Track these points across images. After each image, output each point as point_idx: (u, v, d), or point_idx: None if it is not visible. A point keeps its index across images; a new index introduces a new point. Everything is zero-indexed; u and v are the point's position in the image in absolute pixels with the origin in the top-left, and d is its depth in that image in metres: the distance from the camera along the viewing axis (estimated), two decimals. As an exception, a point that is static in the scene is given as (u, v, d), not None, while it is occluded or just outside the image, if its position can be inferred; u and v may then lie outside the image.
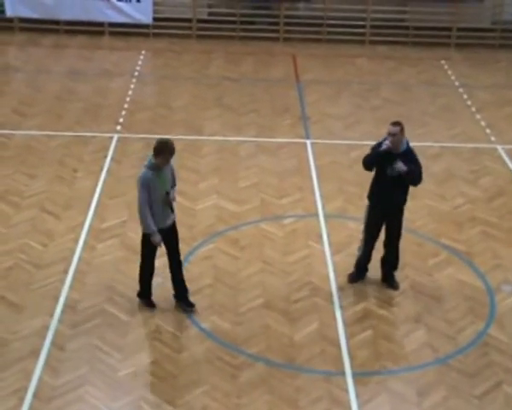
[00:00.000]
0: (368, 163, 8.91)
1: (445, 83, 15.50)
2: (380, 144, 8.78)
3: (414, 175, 8.70)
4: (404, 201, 9.01)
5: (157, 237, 8.36)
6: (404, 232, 10.37)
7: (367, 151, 12.46)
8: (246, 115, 13.74)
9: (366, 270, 9.34)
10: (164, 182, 8.30)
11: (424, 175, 11.73)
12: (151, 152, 8.27)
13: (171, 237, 8.56)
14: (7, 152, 12.07)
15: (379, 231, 9.10)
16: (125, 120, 13.30)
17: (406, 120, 13.73)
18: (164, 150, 8.19)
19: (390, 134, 8.64)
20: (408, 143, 8.81)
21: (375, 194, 8.97)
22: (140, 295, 8.84)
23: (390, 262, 9.26)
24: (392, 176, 8.67)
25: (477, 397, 7.80)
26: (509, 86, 15.47)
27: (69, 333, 8.35)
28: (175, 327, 8.51)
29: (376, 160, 8.79)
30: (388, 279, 9.28)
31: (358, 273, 9.31)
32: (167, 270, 9.37)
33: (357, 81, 15.38)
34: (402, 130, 8.66)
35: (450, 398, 7.77)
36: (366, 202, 11.06)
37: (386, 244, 9.16)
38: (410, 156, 8.73)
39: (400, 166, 8.56)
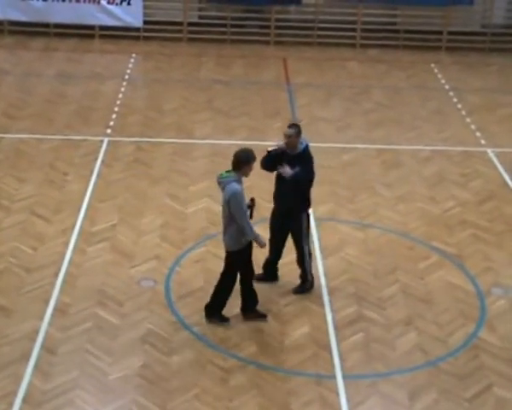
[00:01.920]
0: (263, 163, 8.86)
1: (436, 86, 15.54)
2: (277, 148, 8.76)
3: (298, 179, 8.63)
4: (301, 206, 8.83)
5: (262, 238, 8.35)
6: (395, 235, 10.43)
7: (358, 154, 12.59)
8: (237, 118, 13.73)
9: (275, 270, 9.21)
10: (244, 193, 8.29)
11: (415, 178, 11.93)
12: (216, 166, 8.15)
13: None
14: (-3, 155, 12.04)
15: (278, 232, 9.00)
16: (115, 123, 13.27)
17: (397, 123, 13.89)
18: (249, 159, 8.15)
19: (285, 136, 8.67)
20: (307, 146, 8.76)
21: (274, 194, 8.97)
22: (212, 311, 8.60)
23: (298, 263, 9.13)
24: (289, 178, 8.64)
25: (468, 400, 7.80)
26: (498, 90, 15.52)
27: (59, 337, 8.31)
28: (166, 330, 8.49)
29: (271, 160, 8.76)
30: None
31: (265, 274, 9.21)
32: (158, 273, 9.38)
33: (348, 84, 15.40)
34: (298, 133, 8.65)
35: (441, 401, 7.78)
36: (358, 205, 11.14)
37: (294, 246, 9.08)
38: (304, 159, 8.69)
39: (285, 170, 8.58)
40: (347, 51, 17.07)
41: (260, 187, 11.47)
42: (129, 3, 16.82)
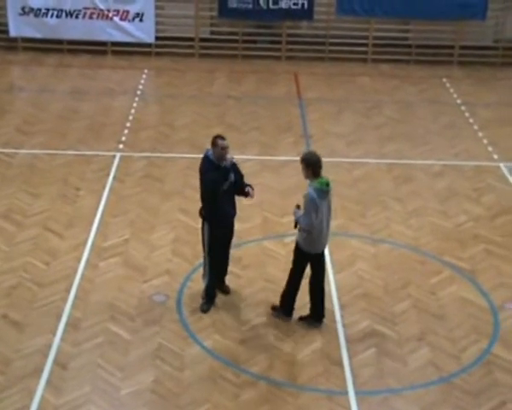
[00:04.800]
0: (218, 185, 8.69)
1: (448, 101, 15.53)
2: (211, 166, 8.73)
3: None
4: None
5: None
6: (406, 250, 10.41)
7: (369, 169, 12.57)
8: (248, 133, 13.77)
9: (215, 295, 9.15)
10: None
11: (427, 193, 11.92)
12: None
13: None
14: (10, 171, 12.10)
15: (222, 246, 9.02)
16: (127, 138, 13.34)
17: (409, 138, 13.88)
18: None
19: (225, 148, 8.67)
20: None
21: (214, 212, 8.81)
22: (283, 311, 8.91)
23: (225, 270, 9.23)
24: (224, 191, 8.73)
25: (481, 416, 7.76)
26: (511, 104, 15.48)
27: (71, 352, 8.33)
28: (177, 345, 8.49)
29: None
30: (219, 286, 9.21)
31: (211, 303, 9.09)
32: (170, 288, 9.39)
33: (359, 99, 15.42)
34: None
35: (454, 417, 7.73)
36: (369, 220, 11.11)
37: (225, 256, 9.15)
38: (236, 168, 8.93)
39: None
40: (359, 66, 17.11)
41: (270, 202, 11.49)
42: (141, 20, 16.94)
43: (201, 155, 12.87)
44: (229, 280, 9.48)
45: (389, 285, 9.65)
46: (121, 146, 13.03)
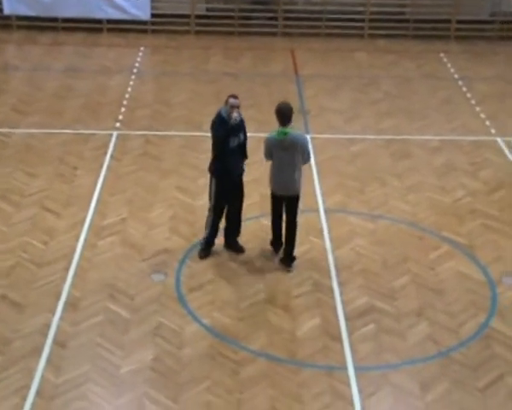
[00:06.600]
0: (223, 139, 9.00)
1: (445, 76, 15.48)
2: (221, 121, 8.98)
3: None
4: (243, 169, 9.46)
5: None
6: (405, 226, 10.42)
7: (367, 145, 12.55)
8: (245, 111, 13.55)
9: (213, 243, 9.61)
10: None
11: (425, 168, 11.91)
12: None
13: None
14: (6, 151, 12.06)
15: (227, 202, 9.40)
16: (124, 116, 13.29)
17: (406, 113, 13.85)
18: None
19: (235, 106, 8.99)
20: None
21: (220, 167, 9.17)
22: (293, 258, 9.43)
23: (234, 231, 9.61)
24: (233, 147, 9.06)
25: (480, 390, 7.79)
26: (508, 78, 15.44)
27: (71, 331, 8.35)
28: (176, 324, 8.51)
29: (229, 134, 9.04)
30: (233, 246, 9.62)
31: (208, 250, 9.57)
32: (169, 266, 9.40)
33: (356, 75, 15.36)
34: None
35: (453, 391, 7.77)
36: (367, 196, 11.11)
37: (229, 216, 9.50)
38: (243, 125, 9.29)
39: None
40: (355, 42, 17.02)
41: (268, 179, 11.46)
42: (136, -4, 16.84)
43: (198, 133, 12.94)
44: (228, 257, 9.49)
45: (388, 261, 9.67)
46: (118, 124, 12.98)
